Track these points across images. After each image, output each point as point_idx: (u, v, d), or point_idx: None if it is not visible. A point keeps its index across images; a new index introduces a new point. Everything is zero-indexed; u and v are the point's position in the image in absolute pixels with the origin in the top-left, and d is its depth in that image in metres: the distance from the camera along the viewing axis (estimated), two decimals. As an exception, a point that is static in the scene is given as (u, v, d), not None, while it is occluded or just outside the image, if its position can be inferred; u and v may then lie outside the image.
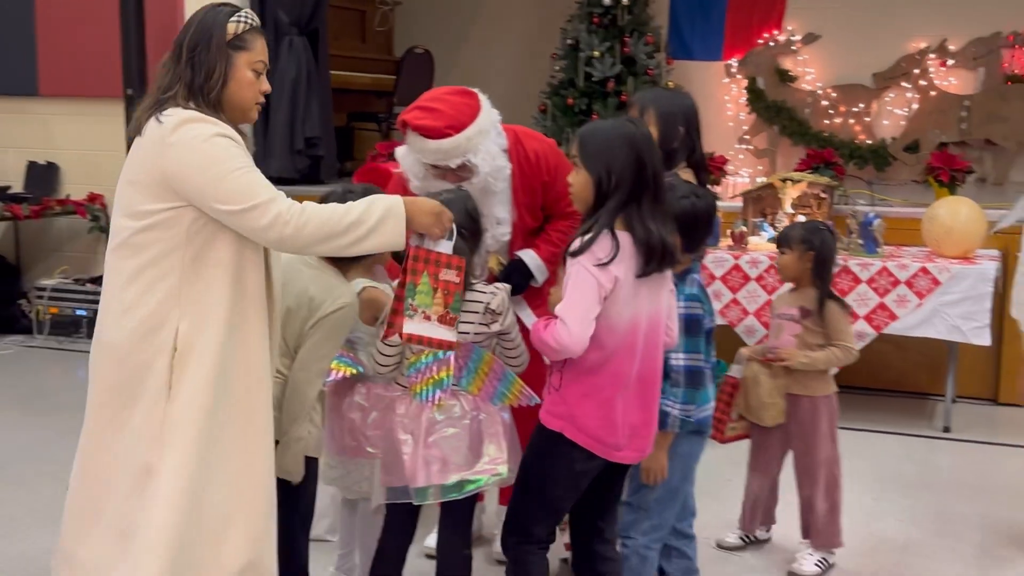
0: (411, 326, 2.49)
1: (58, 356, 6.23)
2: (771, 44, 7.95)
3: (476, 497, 2.72)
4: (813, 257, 3.33)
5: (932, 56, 7.55)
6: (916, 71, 7.59)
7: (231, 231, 2.29)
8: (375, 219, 2.30)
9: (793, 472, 3.46)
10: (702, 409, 2.83)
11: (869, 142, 7.65)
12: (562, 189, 3.14)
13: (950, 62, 7.53)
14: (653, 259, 2.41)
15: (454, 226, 2.49)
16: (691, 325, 2.76)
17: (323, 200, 2.55)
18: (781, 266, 3.45)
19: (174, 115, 2.28)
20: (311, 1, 7.09)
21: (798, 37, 7.90)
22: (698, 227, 2.77)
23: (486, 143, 3.03)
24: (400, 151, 3.16)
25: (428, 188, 2.98)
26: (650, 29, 7.80)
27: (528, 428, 2.64)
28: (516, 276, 3.18)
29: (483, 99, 3.10)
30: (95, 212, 6.93)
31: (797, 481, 3.44)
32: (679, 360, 2.73)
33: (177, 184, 2.25)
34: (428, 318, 2.50)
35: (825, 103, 7.80)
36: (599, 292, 2.38)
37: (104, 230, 6.70)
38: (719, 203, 5.57)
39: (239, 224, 2.27)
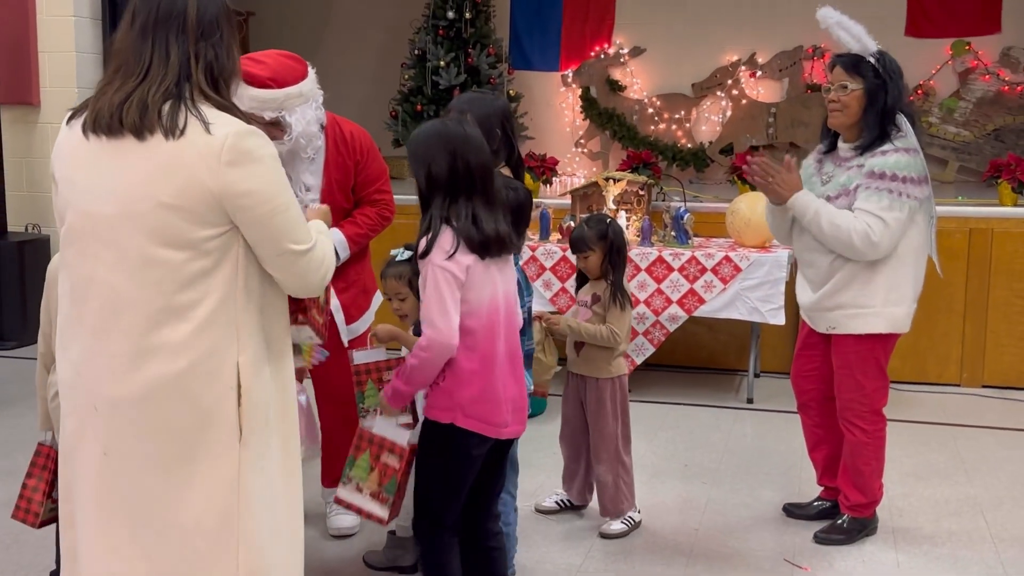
0: (344, 492, 2.61)
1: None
2: (602, 56, 8.15)
3: None
4: (607, 247, 3.41)
5: (743, 68, 7.88)
6: (729, 81, 7.91)
7: None
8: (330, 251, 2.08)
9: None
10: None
11: (689, 146, 7.94)
12: (372, 174, 3.15)
13: (759, 73, 7.87)
14: (488, 247, 2.41)
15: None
16: None
17: None
18: (590, 268, 3.47)
19: (223, 124, 1.85)
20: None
21: (626, 50, 8.12)
22: (520, 217, 2.84)
23: (304, 108, 3.03)
24: None
25: None
26: (492, 41, 7.91)
27: None
28: None
29: (311, 71, 3.10)
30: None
31: (592, 456, 3.52)
32: None
33: (235, 210, 1.85)
34: (360, 490, 2.60)
35: (651, 110, 8.05)
36: (456, 283, 2.37)
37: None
38: (551, 201, 5.77)
39: (291, 264, 1.93)
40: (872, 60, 3.22)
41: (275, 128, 2.99)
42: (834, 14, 3.29)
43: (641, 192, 5.33)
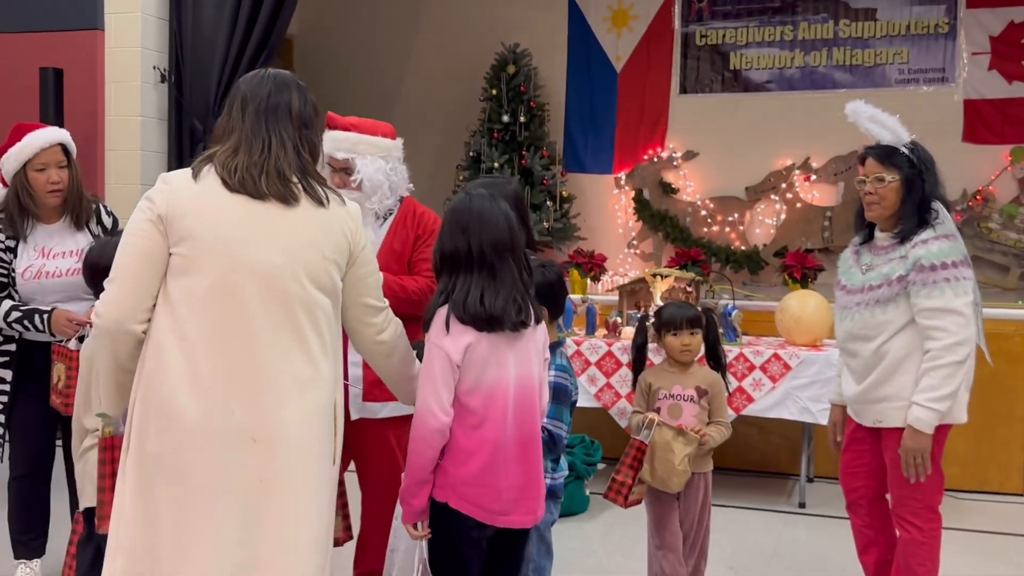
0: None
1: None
2: (655, 160, 8.26)
3: None
4: (708, 339, 3.28)
5: (797, 172, 7.92)
6: (783, 185, 7.94)
7: None
8: None
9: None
10: (558, 475, 2.86)
11: (743, 248, 7.94)
12: (426, 253, 3.22)
13: (813, 177, 7.90)
14: (483, 323, 2.35)
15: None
16: (559, 393, 2.77)
17: None
18: (693, 347, 3.25)
19: (346, 198, 2.33)
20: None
21: (679, 154, 8.23)
22: (554, 295, 2.83)
23: (375, 158, 3.22)
24: None
25: None
26: (546, 144, 8.10)
27: None
28: None
29: (398, 141, 3.37)
30: None
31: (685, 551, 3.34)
32: (544, 425, 2.68)
33: (352, 267, 2.30)
34: None
35: (703, 213, 8.10)
36: (448, 362, 2.32)
37: None
38: (598, 297, 5.79)
39: (366, 320, 2.39)
40: (906, 151, 3.23)
41: (345, 175, 3.20)
42: (864, 107, 3.31)
43: (689, 289, 5.33)
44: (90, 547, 2.81)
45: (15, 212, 3.45)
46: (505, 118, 7.97)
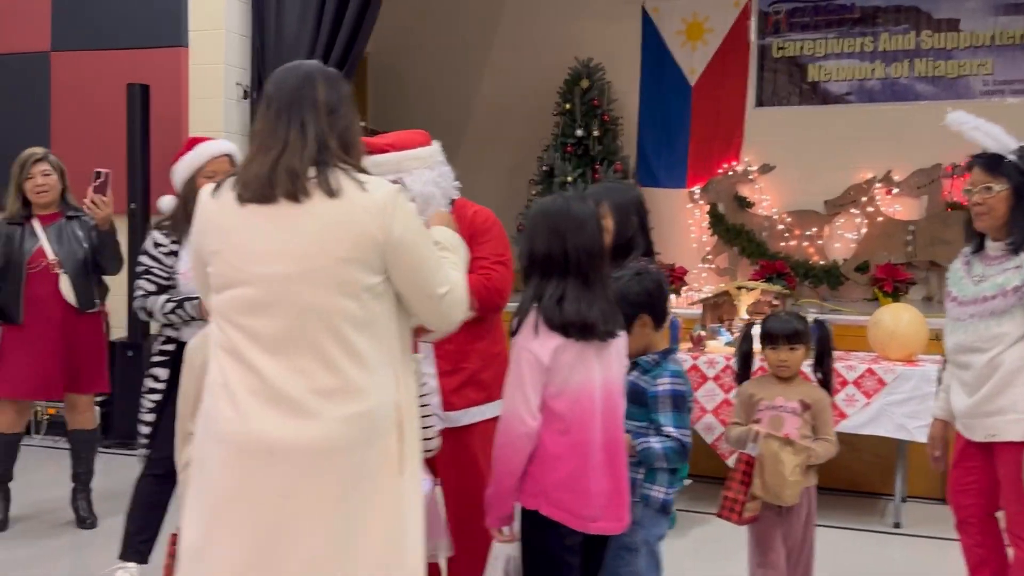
0: None
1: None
2: (730, 173, 8.17)
3: None
4: (822, 345, 3.20)
5: (878, 185, 7.76)
6: (864, 199, 7.79)
7: None
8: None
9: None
10: (672, 489, 2.78)
11: (822, 263, 7.80)
12: (485, 249, 3.13)
13: (895, 191, 7.74)
14: (569, 330, 2.33)
15: None
16: (679, 401, 2.70)
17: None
18: (792, 362, 3.18)
19: (375, 183, 2.07)
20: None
21: (754, 168, 8.12)
22: (654, 302, 2.76)
23: (422, 171, 3.13)
24: None
25: None
26: (619, 158, 8.06)
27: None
28: None
29: (436, 144, 3.24)
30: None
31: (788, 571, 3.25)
32: (672, 434, 2.64)
33: (393, 259, 2.06)
34: None
35: (780, 227, 7.98)
36: (537, 366, 2.32)
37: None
38: (679, 311, 5.72)
39: (435, 306, 2.13)
40: (1013, 158, 3.14)
41: None
42: (967, 116, 3.22)
43: (775, 302, 5.24)
44: None
45: (181, 218, 3.57)
46: (579, 132, 7.96)
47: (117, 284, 5.46)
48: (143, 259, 3.63)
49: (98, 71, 6.73)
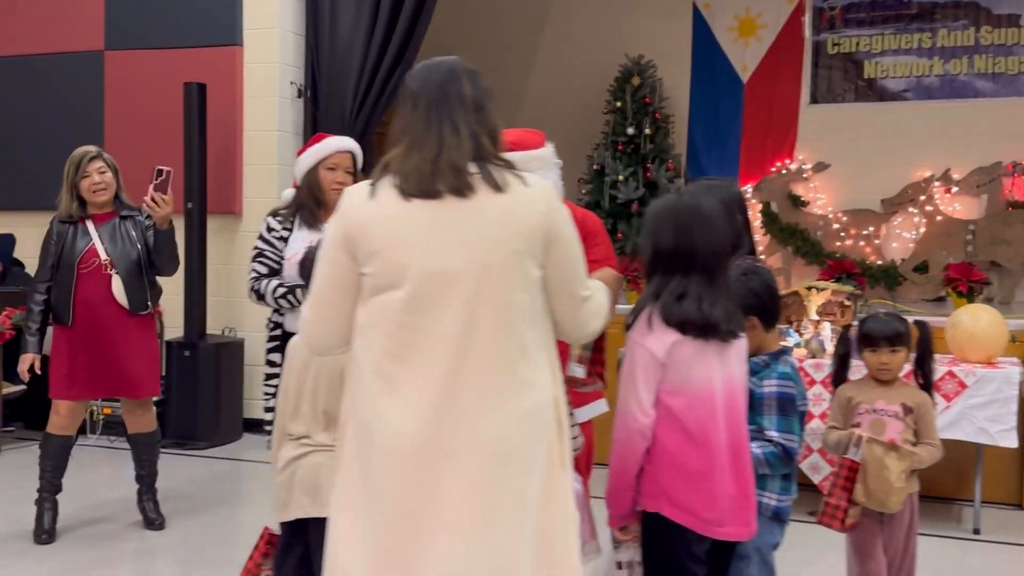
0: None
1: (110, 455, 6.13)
2: (783, 172, 8.04)
3: None
4: (919, 351, 3.10)
5: (937, 184, 7.62)
6: (922, 197, 7.65)
7: None
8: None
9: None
10: (786, 497, 2.71)
11: (879, 263, 7.66)
12: (599, 254, 3.10)
13: (954, 189, 7.59)
14: (687, 328, 2.29)
15: None
16: (785, 404, 2.62)
17: None
18: (892, 366, 3.06)
19: (532, 177, 2.09)
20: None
21: (808, 166, 8.00)
22: (763, 303, 2.68)
23: (544, 171, 3.06)
24: None
25: None
26: (670, 156, 7.97)
27: None
28: None
29: (550, 146, 3.23)
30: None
31: None
32: (774, 439, 2.57)
33: (552, 253, 2.06)
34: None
35: (836, 226, 7.84)
36: (652, 361, 2.27)
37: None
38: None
39: (577, 307, 2.11)
40: None
41: None
42: None
43: (847, 303, 5.14)
44: (292, 557, 2.73)
45: (296, 206, 3.74)
46: (630, 130, 7.87)
47: (173, 285, 5.43)
48: (258, 243, 3.75)
49: (151, 70, 6.72)
